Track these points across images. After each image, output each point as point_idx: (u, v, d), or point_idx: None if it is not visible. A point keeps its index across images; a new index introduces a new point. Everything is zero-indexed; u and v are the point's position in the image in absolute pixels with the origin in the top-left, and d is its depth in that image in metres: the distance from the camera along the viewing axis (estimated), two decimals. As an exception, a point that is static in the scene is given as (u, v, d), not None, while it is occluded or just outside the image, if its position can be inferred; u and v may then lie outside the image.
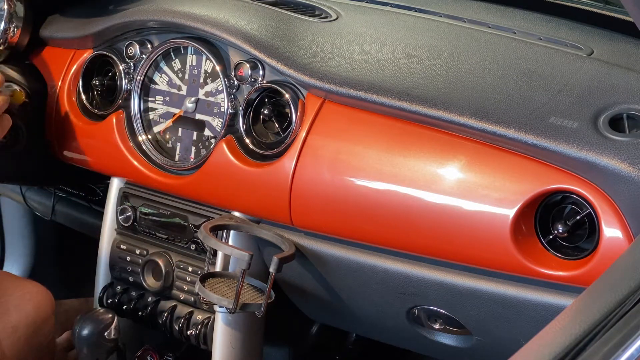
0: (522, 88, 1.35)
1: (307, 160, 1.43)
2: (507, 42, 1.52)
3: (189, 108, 1.60)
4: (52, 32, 1.76)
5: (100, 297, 1.70)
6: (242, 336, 1.57)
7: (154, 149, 1.63)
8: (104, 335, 1.56)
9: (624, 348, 0.81)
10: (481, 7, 1.70)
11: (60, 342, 1.78)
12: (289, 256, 1.43)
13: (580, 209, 1.26)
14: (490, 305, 1.35)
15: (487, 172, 1.30)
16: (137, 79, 1.64)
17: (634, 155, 1.19)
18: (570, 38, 1.52)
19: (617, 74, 1.37)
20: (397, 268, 1.41)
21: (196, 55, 1.60)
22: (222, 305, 1.46)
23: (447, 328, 1.48)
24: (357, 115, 1.41)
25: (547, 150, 1.24)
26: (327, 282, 1.53)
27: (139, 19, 1.63)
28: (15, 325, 1.59)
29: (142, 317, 1.65)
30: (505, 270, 1.30)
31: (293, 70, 1.45)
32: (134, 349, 1.69)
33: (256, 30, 1.52)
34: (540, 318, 1.30)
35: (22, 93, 1.69)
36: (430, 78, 1.40)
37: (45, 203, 2.03)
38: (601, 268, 1.20)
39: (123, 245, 1.69)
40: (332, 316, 1.73)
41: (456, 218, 1.31)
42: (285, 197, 1.45)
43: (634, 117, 1.24)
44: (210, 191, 1.55)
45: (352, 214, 1.40)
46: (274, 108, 1.50)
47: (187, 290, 1.61)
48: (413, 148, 1.36)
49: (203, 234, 1.44)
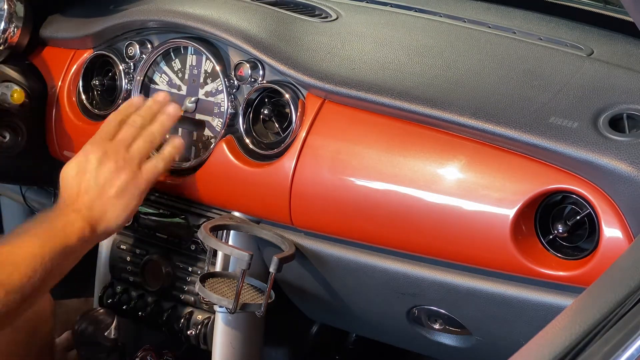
0: (522, 88, 1.35)
1: (307, 160, 1.43)
2: (507, 42, 1.52)
3: (189, 108, 1.60)
4: (52, 32, 1.76)
5: (100, 297, 1.70)
6: (242, 336, 1.57)
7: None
8: (104, 335, 1.55)
9: (624, 348, 0.81)
10: (481, 7, 1.70)
11: (60, 342, 1.78)
12: (289, 256, 1.43)
13: (580, 209, 1.26)
14: (490, 306, 1.35)
15: (487, 172, 1.30)
16: (137, 79, 1.64)
17: (634, 155, 1.19)
18: (570, 38, 1.52)
19: (617, 74, 1.37)
20: (397, 268, 1.41)
21: (196, 55, 1.60)
22: (222, 305, 1.46)
23: (447, 328, 1.48)
24: (357, 115, 1.41)
25: (547, 150, 1.24)
26: (327, 282, 1.53)
27: (139, 19, 1.63)
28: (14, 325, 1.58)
29: (142, 317, 1.65)
30: (505, 270, 1.30)
31: (293, 70, 1.45)
32: (134, 349, 1.69)
33: (256, 30, 1.52)
34: (540, 318, 1.30)
35: (22, 93, 1.70)
36: (430, 78, 1.40)
37: (45, 203, 2.03)
38: (601, 268, 1.20)
39: (123, 245, 1.69)
40: (332, 316, 1.73)
41: (456, 218, 1.31)
42: (285, 197, 1.45)
43: (634, 117, 1.24)
44: (210, 191, 1.55)
45: (352, 214, 1.40)
46: (274, 108, 1.50)
47: (187, 290, 1.61)
48: (413, 148, 1.36)
49: (203, 234, 1.44)
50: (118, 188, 1.43)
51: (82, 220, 1.40)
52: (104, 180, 1.42)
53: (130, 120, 1.49)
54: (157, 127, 1.49)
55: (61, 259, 1.36)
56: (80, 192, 1.42)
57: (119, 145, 1.46)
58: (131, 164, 1.45)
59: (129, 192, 1.44)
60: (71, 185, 1.43)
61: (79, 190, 1.42)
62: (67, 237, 1.37)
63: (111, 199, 1.42)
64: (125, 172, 1.44)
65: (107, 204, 1.42)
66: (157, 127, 1.49)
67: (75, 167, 1.44)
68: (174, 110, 1.51)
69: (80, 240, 1.39)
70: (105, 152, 1.44)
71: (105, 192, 1.42)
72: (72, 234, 1.38)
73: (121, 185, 1.43)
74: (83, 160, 1.44)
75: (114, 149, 1.45)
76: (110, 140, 1.46)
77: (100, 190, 1.42)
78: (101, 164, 1.43)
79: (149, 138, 1.48)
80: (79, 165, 1.44)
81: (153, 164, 1.48)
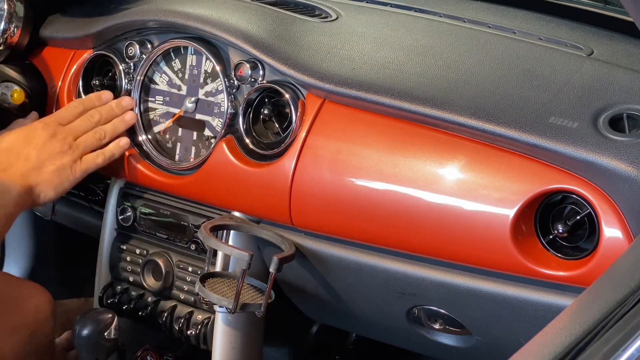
0: (522, 88, 1.35)
1: (307, 160, 1.43)
2: (507, 42, 1.52)
3: (189, 108, 1.60)
4: (52, 32, 1.76)
5: (100, 297, 1.70)
6: (242, 336, 1.57)
7: (154, 149, 1.63)
8: (104, 335, 1.55)
9: (624, 348, 0.81)
10: (481, 7, 1.70)
11: (60, 342, 1.78)
12: (289, 256, 1.43)
13: (580, 209, 1.26)
14: (490, 305, 1.35)
15: (487, 172, 1.30)
16: (137, 79, 1.64)
17: (634, 155, 1.19)
18: (570, 38, 1.52)
19: (617, 74, 1.37)
20: (397, 268, 1.41)
21: (196, 55, 1.60)
22: (222, 305, 1.46)
23: (447, 328, 1.48)
24: (357, 115, 1.41)
25: (547, 150, 1.24)
26: (327, 282, 1.53)
27: (139, 19, 1.63)
28: (14, 325, 1.59)
29: (142, 317, 1.65)
30: (505, 270, 1.30)
31: (293, 70, 1.45)
32: (134, 349, 1.69)
33: (256, 30, 1.52)
34: (540, 318, 1.30)
35: (22, 93, 1.70)
36: (430, 78, 1.40)
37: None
38: (601, 268, 1.20)
39: (123, 245, 1.69)
40: (332, 316, 1.73)
41: (456, 218, 1.31)
42: (285, 197, 1.45)
43: (634, 117, 1.24)
44: (210, 191, 1.55)
45: (352, 214, 1.40)
46: (274, 108, 1.50)
47: (187, 290, 1.61)
48: (413, 148, 1.36)
49: (203, 234, 1.44)
50: (55, 167, 1.52)
51: (17, 188, 1.48)
52: (46, 156, 1.52)
53: (89, 113, 1.60)
54: (109, 127, 1.61)
55: (1, 227, 1.47)
56: (19, 160, 1.50)
57: (69, 131, 1.56)
58: (75, 151, 1.55)
59: (64, 175, 1.53)
60: (13, 151, 1.51)
61: (19, 158, 1.51)
62: (7, 206, 1.47)
63: (46, 173, 1.52)
64: (67, 157, 1.54)
65: (41, 177, 1.51)
66: (110, 127, 1.61)
67: (22, 136, 1.54)
68: (130, 119, 1.63)
69: (16, 207, 1.49)
70: (54, 134, 1.54)
71: (44, 167, 1.52)
72: (10, 202, 1.47)
73: (59, 166, 1.53)
74: (32, 133, 1.54)
75: (64, 133, 1.55)
76: (63, 125, 1.57)
77: (40, 164, 1.51)
78: (48, 142, 1.53)
79: (99, 135, 1.59)
80: (27, 136, 1.53)
81: (93, 156, 1.58)
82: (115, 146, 1.61)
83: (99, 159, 1.58)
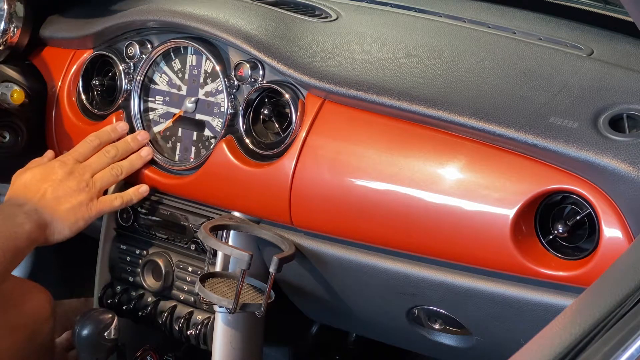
0: (522, 88, 1.35)
1: (307, 160, 1.43)
2: (507, 42, 1.52)
3: (189, 108, 1.60)
4: (52, 32, 1.76)
5: (100, 297, 1.70)
6: (242, 336, 1.57)
7: (154, 149, 1.63)
8: (104, 335, 1.55)
9: (624, 348, 0.81)
10: (481, 7, 1.70)
11: (60, 342, 1.78)
12: (289, 256, 1.43)
13: (580, 209, 1.26)
14: (490, 305, 1.35)
15: (487, 172, 1.30)
16: (137, 79, 1.64)
17: (634, 155, 1.19)
18: (570, 38, 1.52)
19: (617, 74, 1.37)
20: (397, 268, 1.41)
21: (196, 55, 1.60)
22: (222, 305, 1.46)
23: (447, 328, 1.48)
24: (357, 115, 1.41)
25: (547, 150, 1.24)
26: (327, 282, 1.53)
27: (139, 19, 1.63)
28: (14, 325, 1.59)
29: (142, 317, 1.65)
30: (505, 270, 1.30)
31: (293, 70, 1.45)
32: (134, 349, 1.69)
33: (256, 30, 1.52)
34: (540, 318, 1.30)
35: (22, 93, 1.70)
36: (430, 78, 1.40)
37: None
38: (601, 268, 1.20)
39: (123, 245, 1.69)
40: (332, 316, 1.73)
41: (456, 218, 1.31)
42: (285, 197, 1.45)
43: (634, 117, 1.24)
44: (210, 191, 1.55)
45: (352, 214, 1.40)
46: (274, 108, 1.51)
47: (187, 290, 1.61)
48: (413, 148, 1.36)
49: (203, 234, 1.44)
50: (72, 205, 1.52)
51: (31, 223, 1.47)
52: (62, 193, 1.51)
53: (105, 149, 1.59)
54: (126, 164, 1.60)
55: (11, 259, 1.45)
56: (35, 196, 1.50)
57: (86, 169, 1.56)
58: (91, 189, 1.54)
59: (80, 213, 1.52)
60: (30, 187, 1.51)
61: (35, 194, 1.50)
62: (18, 239, 1.45)
63: (62, 212, 1.51)
64: (84, 195, 1.53)
65: (56, 214, 1.50)
66: (127, 164, 1.60)
67: (39, 173, 1.53)
68: (147, 154, 1.61)
69: (28, 241, 1.47)
70: (71, 171, 1.54)
71: (59, 204, 1.51)
72: (22, 235, 1.46)
73: (76, 204, 1.52)
74: (50, 170, 1.54)
75: (81, 170, 1.55)
76: (80, 162, 1.56)
77: (56, 201, 1.51)
78: (65, 179, 1.53)
79: (115, 172, 1.58)
80: (44, 173, 1.53)
81: (111, 199, 1.57)
82: (134, 192, 1.60)
83: (117, 202, 1.57)
